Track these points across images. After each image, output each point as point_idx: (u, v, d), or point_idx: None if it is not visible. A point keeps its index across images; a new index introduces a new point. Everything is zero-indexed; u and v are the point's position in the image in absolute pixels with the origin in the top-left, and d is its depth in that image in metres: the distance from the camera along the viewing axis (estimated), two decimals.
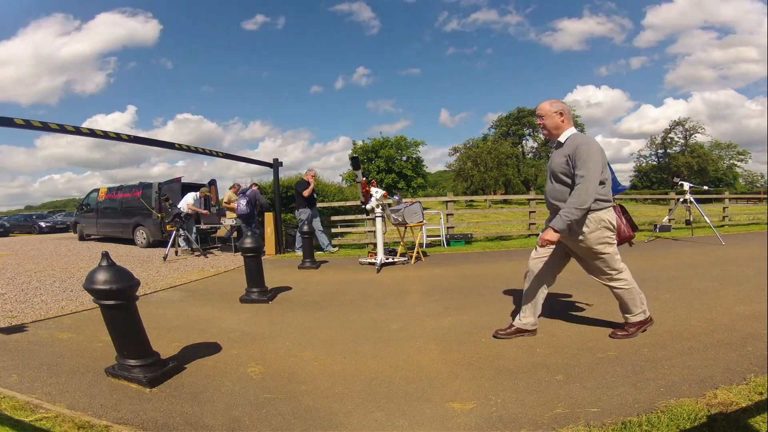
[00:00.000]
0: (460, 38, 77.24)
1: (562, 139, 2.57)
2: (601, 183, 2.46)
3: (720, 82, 66.59)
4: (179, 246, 8.48)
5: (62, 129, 4.42)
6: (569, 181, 2.49)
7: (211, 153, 7.15)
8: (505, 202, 23.28)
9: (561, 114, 2.56)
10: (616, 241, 2.64)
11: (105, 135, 5.10)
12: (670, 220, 8.80)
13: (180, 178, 9.97)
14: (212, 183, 11.10)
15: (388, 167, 36.62)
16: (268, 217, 8.10)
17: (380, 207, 6.00)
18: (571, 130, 2.57)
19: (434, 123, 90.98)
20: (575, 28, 72.10)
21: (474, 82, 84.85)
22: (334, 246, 8.21)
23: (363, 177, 6.20)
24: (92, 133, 4.78)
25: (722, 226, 10.11)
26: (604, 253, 2.57)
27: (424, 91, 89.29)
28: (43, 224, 20.50)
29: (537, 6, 73.85)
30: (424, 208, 7.22)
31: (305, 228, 6.40)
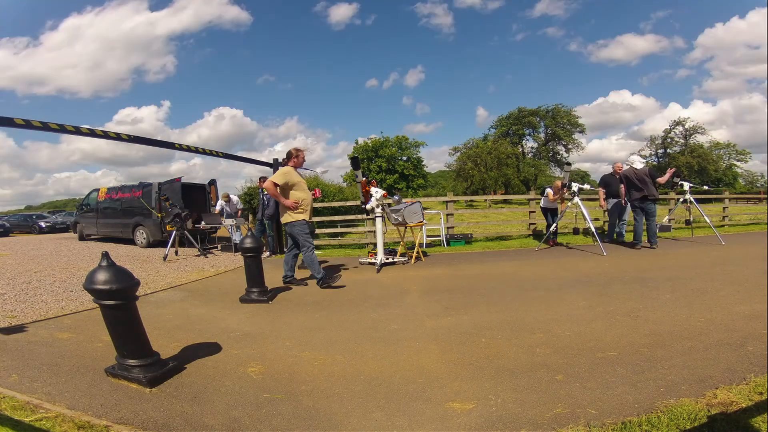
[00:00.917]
0: (524, 47, 76.26)
1: None
2: None
3: (750, 89, 65.83)
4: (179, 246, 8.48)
5: (62, 129, 4.42)
6: None
7: (211, 153, 7.15)
8: (505, 202, 23.31)
9: None
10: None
11: (105, 135, 5.09)
12: (670, 220, 8.80)
13: (180, 178, 9.98)
14: (212, 183, 11.11)
15: (389, 167, 36.60)
16: None
17: (380, 207, 6.00)
18: None
19: (470, 125, 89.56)
20: (633, 44, 70.68)
21: (516, 86, 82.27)
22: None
23: (363, 177, 6.21)
24: (92, 132, 4.77)
25: (722, 226, 10.10)
26: None
27: (467, 93, 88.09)
28: (43, 224, 20.50)
29: (598, 21, 72.87)
30: (424, 208, 7.22)
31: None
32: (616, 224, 7.77)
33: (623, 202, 7.45)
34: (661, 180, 7.24)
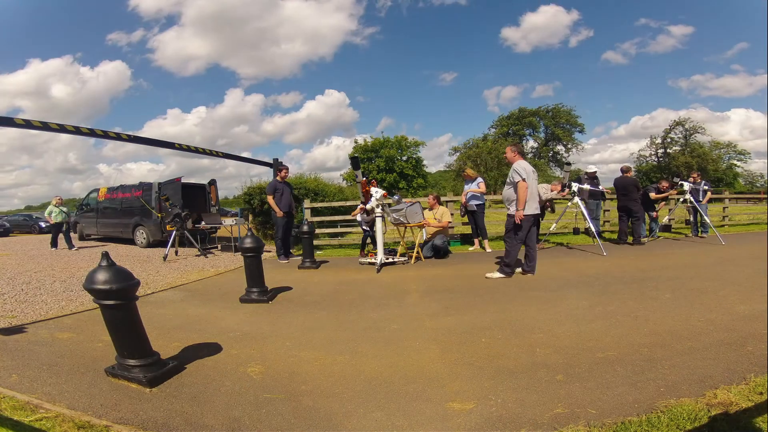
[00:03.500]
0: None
1: None
2: None
3: None
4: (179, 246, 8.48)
5: (62, 129, 4.42)
6: None
7: (211, 153, 7.16)
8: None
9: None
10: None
11: (105, 135, 5.10)
12: (670, 219, 8.81)
13: (180, 178, 9.98)
14: (212, 183, 11.11)
15: (389, 167, 36.57)
16: None
17: (380, 207, 6.00)
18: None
19: None
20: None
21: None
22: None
23: (363, 177, 6.21)
24: (92, 132, 4.78)
25: (722, 226, 10.10)
26: None
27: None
28: (43, 224, 20.48)
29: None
30: (424, 208, 7.22)
31: (305, 228, 6.40)
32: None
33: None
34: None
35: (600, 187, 8.32)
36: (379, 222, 6.05)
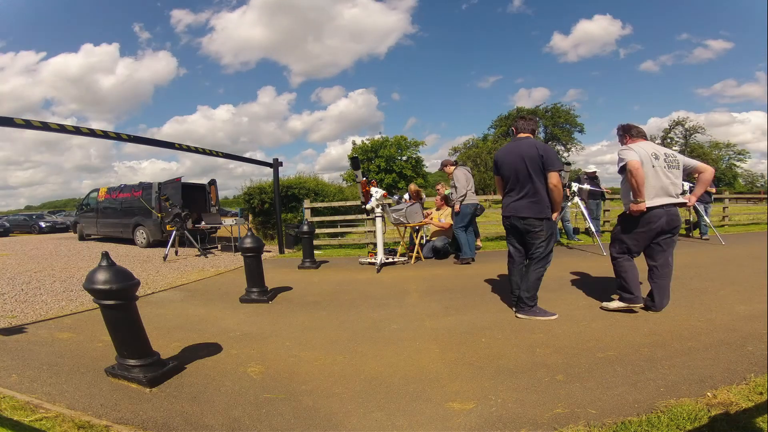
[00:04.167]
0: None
1: None
2: None
3: None
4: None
5: (62, 129, 4.42)
6: None
7: (211, 153, 7.15)
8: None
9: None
10: None
11: (105, 135, 5.10)
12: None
13: (180, 178, 9.98)
14: (212, 183, 11.11)
15: (388, 167, 36.56)
16: None
17: (380, 207, 6.00)
18: None
19: None
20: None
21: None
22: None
23: (363, 177, 6.21)
24: (92, 132, 4.77)
25: (722, 226, 10.10)
26: None
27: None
28: (43, 224, 20.50)
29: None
30: (424, 208, 7.22)
31: (305, 228, 6.40)
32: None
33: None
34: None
35: (600, 187, 8.34)
36: (379, 222, 6.05)
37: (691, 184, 7.87)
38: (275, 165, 8.19)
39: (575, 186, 7.03)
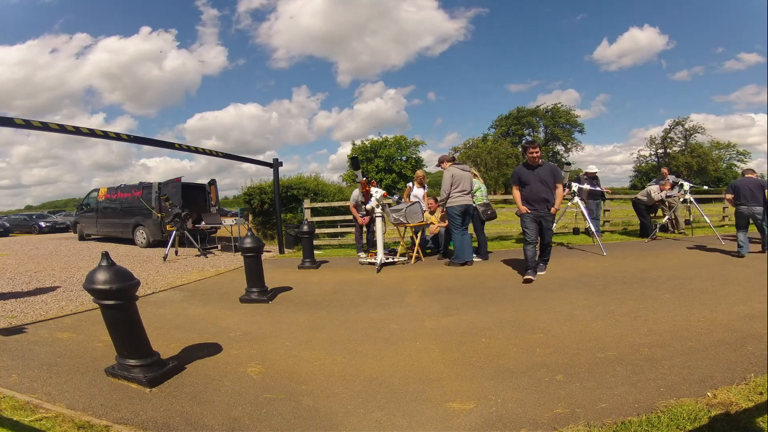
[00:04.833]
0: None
1: None
2: None
3: None
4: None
5: (62, 129, 4.42)
6: None
7: (211, 153, 7.15)
8: (505, 202, 23.24)
9: None
10: None
11: (105, 135, 5.10)
12: (669, 219, 8.80)
13: (180, 178, 9.98)
14: (212, 183, 11.11)
15: (388, 167, 36.55)
16: None
17: (380, 207, 6.00)
18: None
19: None
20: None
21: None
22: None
23: (363, 177, 6.21)
24: (92, 133, 4.77)
25: (722, 226, 10.10)
26: None
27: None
28: (43, 224, 20.49)
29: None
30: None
31: (305, 228, 6.40)
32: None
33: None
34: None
35: (600, 187, 8.34)
36: (379, 222, 6.05)
37: (691, 184, 7.89)
38: (275, 165, 8.18)
39: (575, 186, 7.03)
